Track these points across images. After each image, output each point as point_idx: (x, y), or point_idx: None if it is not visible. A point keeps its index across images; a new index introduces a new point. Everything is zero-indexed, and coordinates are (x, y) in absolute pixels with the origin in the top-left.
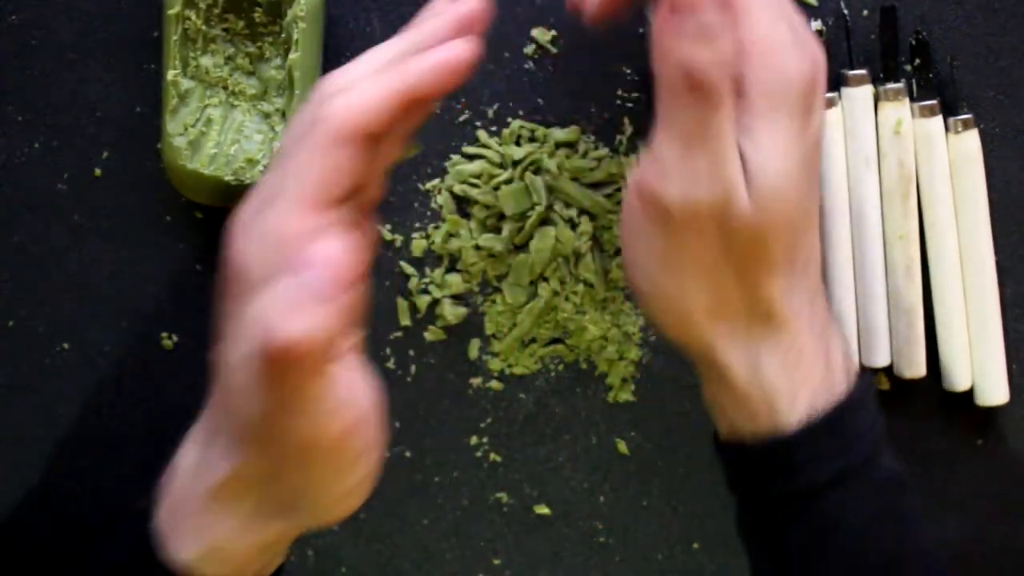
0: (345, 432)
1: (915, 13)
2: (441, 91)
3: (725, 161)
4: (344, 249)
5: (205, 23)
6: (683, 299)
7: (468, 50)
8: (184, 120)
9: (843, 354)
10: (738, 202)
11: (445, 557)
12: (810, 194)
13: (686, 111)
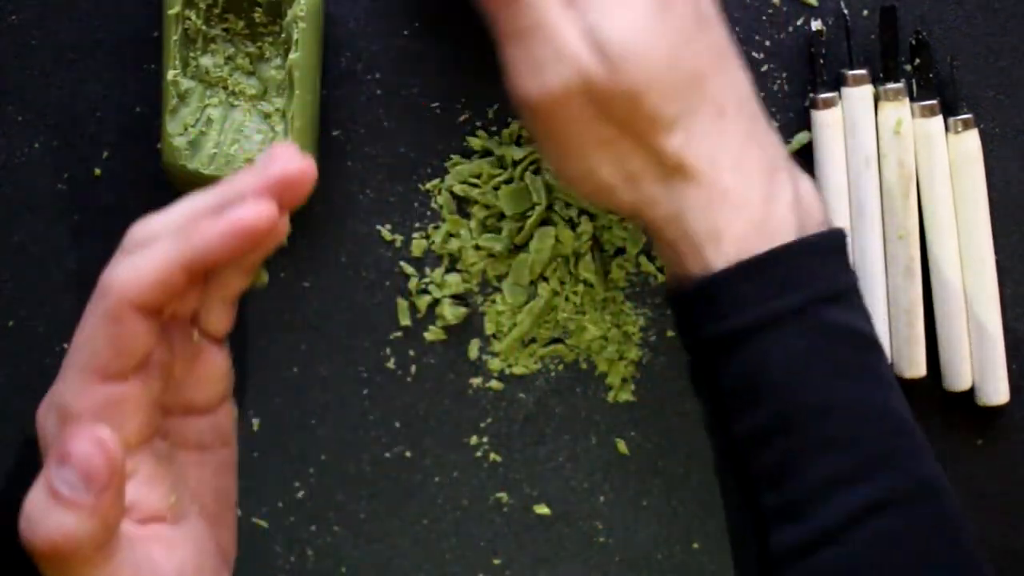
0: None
1: (915, 13)
2: (233, 258)
3: (558, 40)
4: (102, 444)
5: (205, 23)
6: (598, 176)
7: (265, 215)
8: (184, 120)
9: (794, 200)
10: (592, 72)
11: (445, 557)
12: (687, 39)
13: (505, 10)
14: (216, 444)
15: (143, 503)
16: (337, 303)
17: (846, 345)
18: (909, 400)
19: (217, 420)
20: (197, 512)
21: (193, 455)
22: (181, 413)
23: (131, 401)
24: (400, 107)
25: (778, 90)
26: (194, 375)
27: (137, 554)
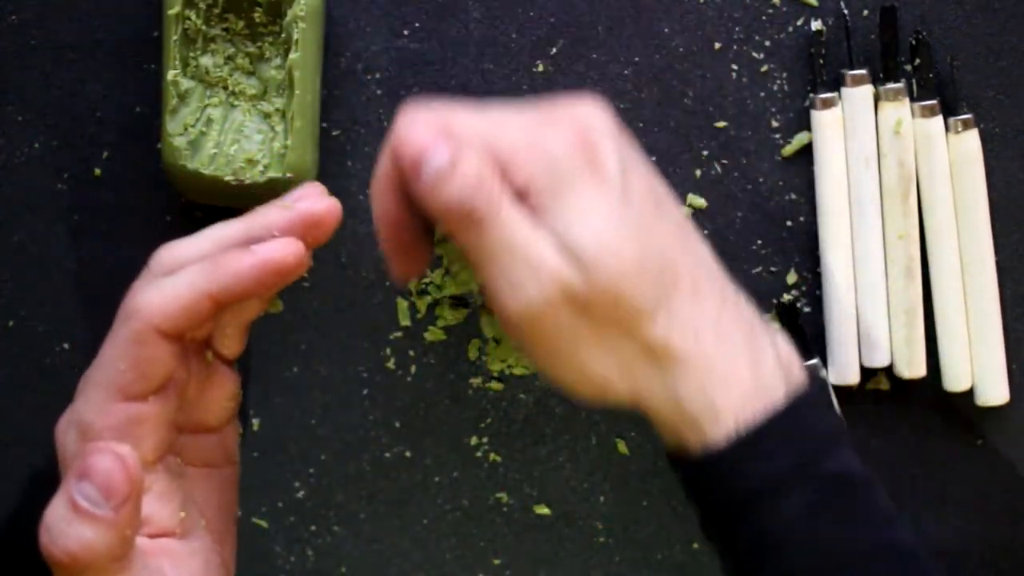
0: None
1: (915, 13)
2: (259, 292)
3: (532, 258)
4: (122, 461)
5: (205, 23)
6: (592, 373)
7: (293, 253)
8: (184, 120)
9: (776, 358)
10: (570, 281)
11: (445, 557)
12: (651, 227)
13: (477, 238)
14: (222, 461)
15: (156, 518)
16: (337, 303)
17: (846, 491)
18: (909, 400)
19: (224, 438)
20: (203, 527)
21: (201, 472)
22: (191, 431)
23: (150, 420)
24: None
25: (778, 90)
26: (206, 395)
27: (149, 567)
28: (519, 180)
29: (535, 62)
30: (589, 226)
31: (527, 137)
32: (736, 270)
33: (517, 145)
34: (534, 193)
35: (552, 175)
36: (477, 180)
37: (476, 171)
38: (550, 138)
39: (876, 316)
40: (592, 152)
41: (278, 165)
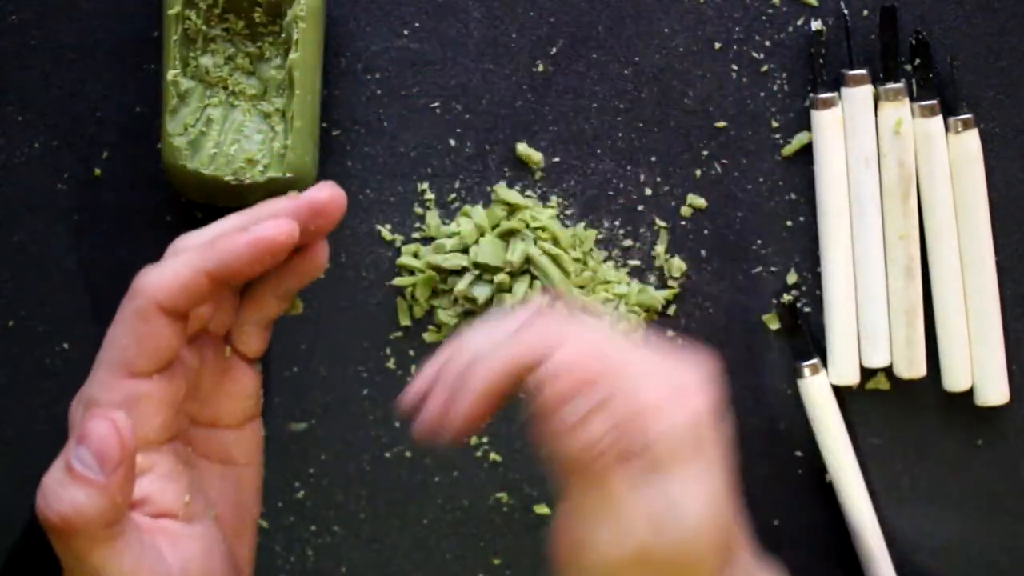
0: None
1: (915, 13)
2: (253, 269)
3: (630, 521)
4: (116, 427)
5: (205, 23)
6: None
7: (284, 231)
8: (184, 120)
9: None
10: (655, 549)
11: (445, 557)
12: (728, 507)
13: (584, 486)
14: (240, 460)
15: (156, 498)
16: (337, 303)
17: None
18: (909, 400)
19: (243, 437)
20: (213, 519)
21: (216, 467)
22: (207, 425)
23: (153, 399)
24: (400, 107)
25: (778, 90)
26: (223, 390)
27: (144, 542)
28: (639, 439)
29: (535, 62)
30: (690, 504)
31: (660, 398)
32: (736, 270)
33: (649, 404)
34: (650, 455)
35: (671, 445)
36: (610, 434)
37: (609, 426)
38: (677, 410)
39: (876, 316)
40: (708, 429)
41: (278, 165)
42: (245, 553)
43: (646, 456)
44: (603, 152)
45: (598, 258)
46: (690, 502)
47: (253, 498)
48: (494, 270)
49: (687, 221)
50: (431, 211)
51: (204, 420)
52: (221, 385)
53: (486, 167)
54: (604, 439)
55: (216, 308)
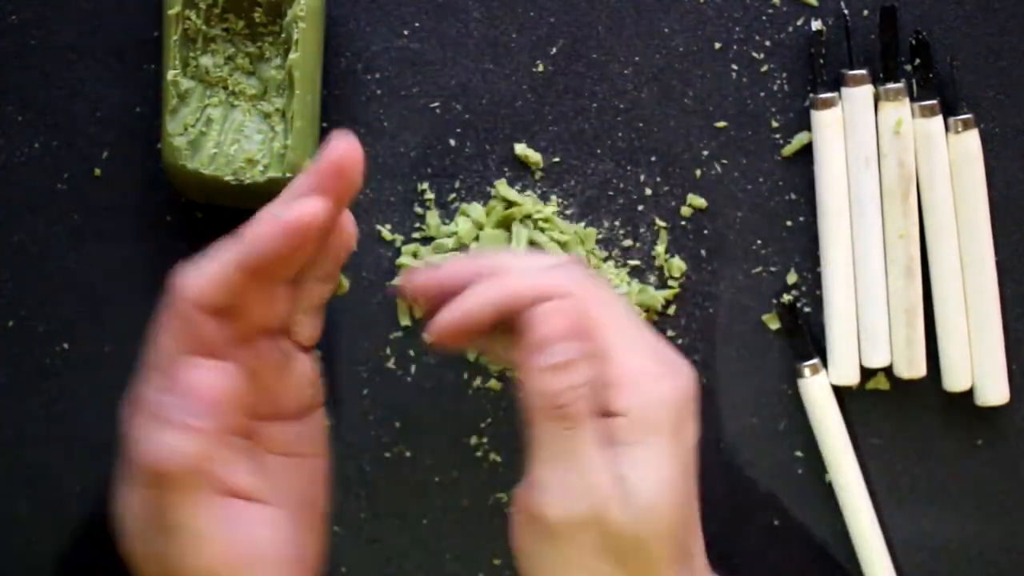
0: (224, 566)
1: (915, 13)
2: (293, 257)
3: (592, 477)
4: (213, 375)
5: (205, 23)
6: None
7: (312, 211)
8: (184, 120)
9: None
10: (613, 514)
11: (445, 557)
12: (689, 496)
13: (552, 434)
14: (305, 451)
15: (225, 478)
16: (337, 303)
17: None
18: (909, 400)
19: (307, 428)
20: (279, 505)
21: (282, 460)
22: (271, 418)
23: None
24: (400, 107)
25: (778, 90)
26: (282, 383)
27: (221, 505)
28: (618, 404)
29: (535, 62)
30: (653, 478)
31: (646, 371)
32: (736, 270)
33: (635, 374)
34: (623, 424)
35: (650, 417)
36: (585, 388)
37: (587, 379)
38: (663, 385)
39: (876, 316)
40: (686, 411)
41: (278, 165)
42: (314, 546)
43: (618, 422)
44: (603, 152)
45: (599, 256)
46: (648, 480)
47: (320, 489)
48: None
49: (687, 221)
50: (431, 211)
51: (267, 414)
52: (281, 378)
53: (486, 167)
54: (580, 389)
55: (267, 304)
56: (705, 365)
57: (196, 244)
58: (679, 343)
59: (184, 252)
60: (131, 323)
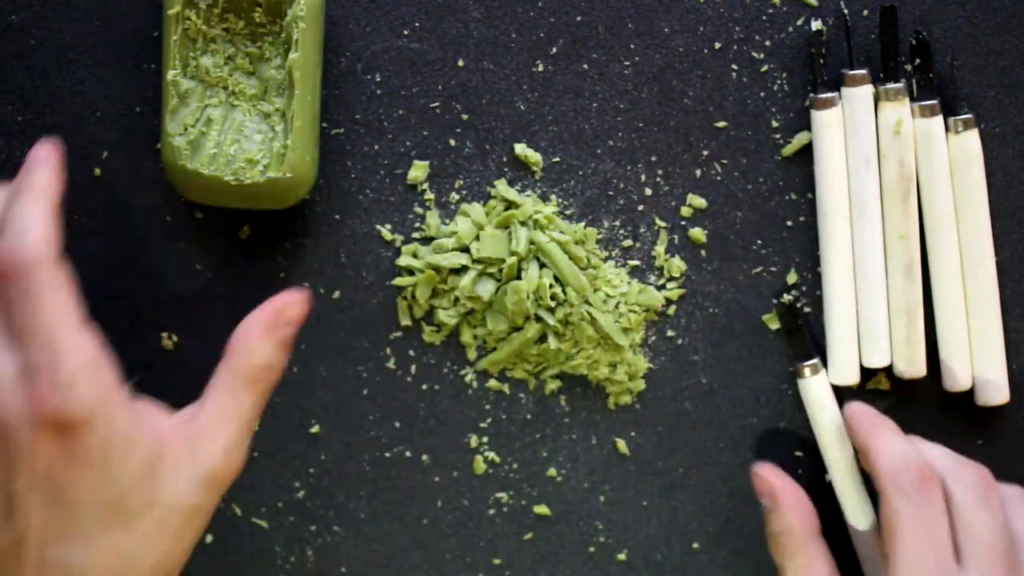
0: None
1: (915, 13)
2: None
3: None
4: (296, 295)
5: (205, 23)
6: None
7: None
8: (184, 120)
9: None
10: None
11: (445, 557)
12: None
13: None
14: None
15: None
16: (337, 303)
17: None
18: (909, 400)
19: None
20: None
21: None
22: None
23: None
24: (400, 107)
25: (778, 90)
26: None
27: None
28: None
29: (535, 62)
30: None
31: (978, 513)
32: (736, 270)
33: (968, 512)
34: (966, 554)
35: (982, 550)
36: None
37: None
38: (985, 520)
39: (876, 316)
40: (1007, 554)
41: (278, 165)
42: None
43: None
44: (603, 152)
45: (599, 256)
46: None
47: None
48: (496, 263)
49: (687, 221)
50: (431, 211)
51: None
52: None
53: (486, 167)
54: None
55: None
56: (705, 365)
57: (196, 244)
58: (679, 343)
59: (184, 252)
60: (131, 323)
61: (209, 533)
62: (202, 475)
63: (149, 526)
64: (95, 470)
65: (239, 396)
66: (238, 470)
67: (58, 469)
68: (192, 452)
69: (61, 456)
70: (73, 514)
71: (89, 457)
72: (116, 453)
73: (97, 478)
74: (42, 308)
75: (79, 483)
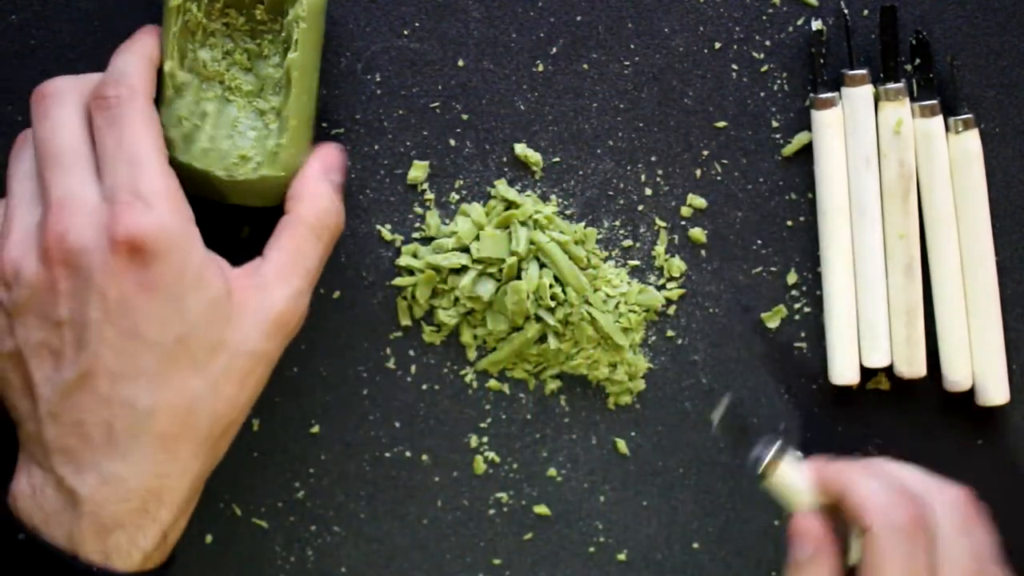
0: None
1: (915, 13)
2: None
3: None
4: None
5: (206, 16)
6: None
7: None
8: (179, 112)
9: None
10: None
11: (445, 557)
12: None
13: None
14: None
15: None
16: (337, 303)
17: None
18: (909, 400)
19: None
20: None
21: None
22: None
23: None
24: (400, 107)
25: (778, 90)
26: None
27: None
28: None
29: (535, 62)
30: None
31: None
32: (736, 270)
33: (948, 537)
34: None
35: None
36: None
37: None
38: (964, 546)
39: (876, 316)
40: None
41: (271, 163)
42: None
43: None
44: (603, 152)
45: (599, 256)
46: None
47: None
48: (496, 263)
49: (687, 221)
50: (431, 211)
51: None
52: None
53: (486, 167)
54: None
55: None
56: (705, 365)
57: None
58: (679, 343)
59: None
60: None
61: (209, 533)
62: (269, 320)
63: (216, 369)
64: (167, 304)
65: (305, 243)
66: (302, 317)
67: (131, 298)
68: (260, 299)
69: (135, 284)
70: (143, 349)
71: (162, 288)
72: (189, 289)
73: (169, 312)
74: (132, 133)
75: (151, 316)
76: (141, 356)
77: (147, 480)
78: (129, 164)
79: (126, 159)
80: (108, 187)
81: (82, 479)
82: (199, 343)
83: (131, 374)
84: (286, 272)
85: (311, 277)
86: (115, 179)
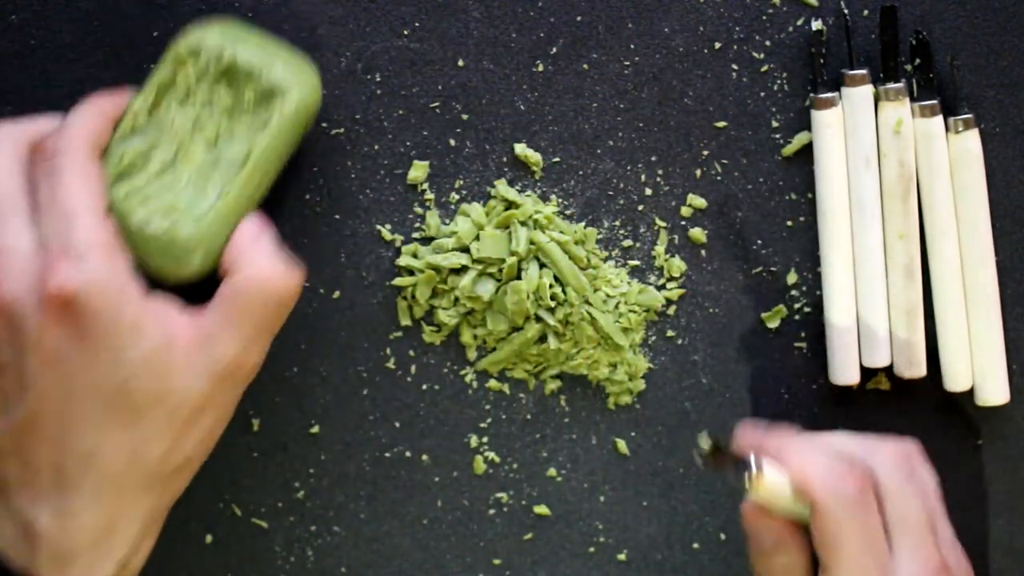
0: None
1: (915, 13)
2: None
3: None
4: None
5: (197, 79)
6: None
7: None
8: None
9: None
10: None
11: (445, 557)
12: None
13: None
14: None
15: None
16: (337, 303)
17: None
18: (909, 400)
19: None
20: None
21: None
22: None
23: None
24: (400, 107)
25: (778, 90)
26: None
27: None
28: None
29: (535, 62)
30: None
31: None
32: (736, 270)
33: (893, 489)
34: (895, 534)
35: (910, 526)
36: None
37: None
38: (910, 494)
39: (876, 316)
40: (934, 523)
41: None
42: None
43: (895, 535)
44: (603, 152)
45: (599, 256)
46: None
47: None
48: (497, 263)
49: (687, 221)
50: (431, 211)
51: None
52: None
53: (486, 167)
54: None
55: None
56: (705, 365)
57: None
58: (679, 343)
59: None
60: None
61: (209, 533)
62: (215, 371)
63: (159, 417)
64: (103, 354)
65: (249, 301)
66: (256, 366)
67: (66, 349)
68: (207, 348)
69: (69, 337)
70: (83, 396)
71: (97, 340)
72: (125, 340)
73: (105, 362)
74: (66, 186)
75: (88, 365)
76: (82, 402)
77: (97, 518)
78: (63, 216)
79: (60, 211)
80: (43, 236)
81: (37, 512)
82: (140, 391)
83: (75, 418)
84: (233, 321)
85: (263, 327)
86: (48, 230)
